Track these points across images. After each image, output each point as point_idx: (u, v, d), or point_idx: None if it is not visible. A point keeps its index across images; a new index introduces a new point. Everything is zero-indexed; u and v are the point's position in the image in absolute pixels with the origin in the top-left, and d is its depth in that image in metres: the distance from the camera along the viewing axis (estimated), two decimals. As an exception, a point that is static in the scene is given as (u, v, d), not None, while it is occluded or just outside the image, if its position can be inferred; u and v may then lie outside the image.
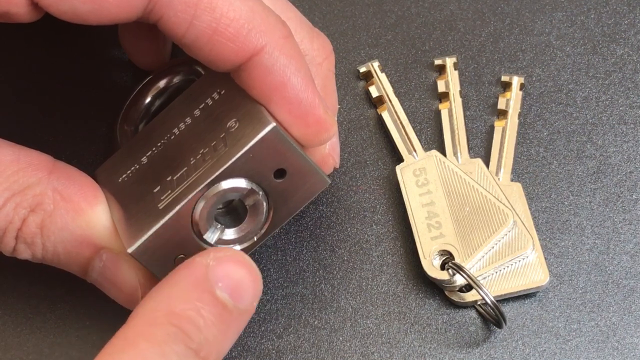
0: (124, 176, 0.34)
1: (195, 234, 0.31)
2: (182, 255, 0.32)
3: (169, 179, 0.32)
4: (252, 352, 0.36)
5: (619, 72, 0.41)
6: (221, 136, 0.31)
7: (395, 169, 0.38)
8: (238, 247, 0.33)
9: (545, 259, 0.37)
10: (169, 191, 0.31)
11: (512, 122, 0.39)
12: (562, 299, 0.37)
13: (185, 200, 0.31)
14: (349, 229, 0.38)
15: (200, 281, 0.29)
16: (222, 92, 0.33)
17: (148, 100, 0.38)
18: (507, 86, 0.40)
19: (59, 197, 0.32)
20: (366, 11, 0.42)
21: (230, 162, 0.30)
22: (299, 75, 0.31)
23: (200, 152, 0.31)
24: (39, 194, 0.31)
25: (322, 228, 0.38)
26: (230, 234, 0.32)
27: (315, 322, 0.36)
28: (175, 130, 0.33)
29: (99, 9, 0.29)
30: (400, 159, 0.39)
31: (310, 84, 0.31)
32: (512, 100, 0.40)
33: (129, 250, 0.31)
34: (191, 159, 0.32)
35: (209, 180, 0.31)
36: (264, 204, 0.32)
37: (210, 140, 0.32)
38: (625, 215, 0.38)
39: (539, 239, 0.37)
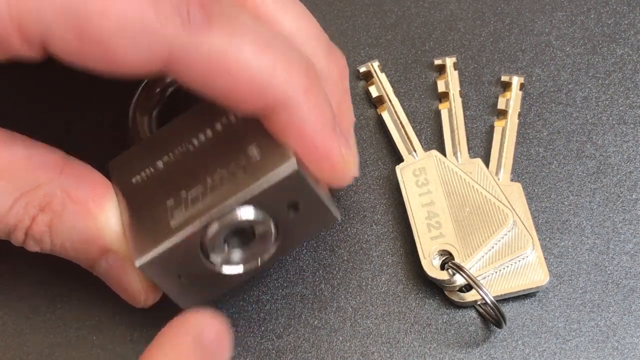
0: (137, 177, 0.34)
1: (202, 253, 0.32)
2: (185, 273, 0.32)
3: (183, 193, 0.32)
4: (252, 352, 0.36)
5: (619, 72, 0.41)
6: (241, 162, 0.31)
7: (395, 169, 0.38)
8: (241, 269, 0.33)
9: (545, 259, 0.37)
10: (183, 209, 0.31)
11: (512, 122, 0.39)
12: (562, 299, 0.37)
13: (198, 224, 0.31)
14: (349, 229, 0.38)
15: (196, 343, 0.29)
16: None
17: (161, 87, 0.38)
18: (507, 86, 0.40)
19: (68, 199, 0.32)
20: (366, 11, 0.42)
21: (247, 194, 0.30)
22: (318, 128, 0.31)
23: (218, 172, 0.31)
24: (48, 194, 0.32)
25: (322, 228, 0.38)
26: (236, 256, 0.32)
27: (315, 322, 0.36)
28: (195, 141, 0.33)
29: (113, 71, 0.29)
30: (400, 159, 0.39)
31: (330, 132, 0.31)
32: (512, 100, 0.40)
33: (136, 264, 0.31)
34: (207, 178, 0.32)
35: (222, 208, 0.31)
36: (273, 232, 0.32)
37: (228, 162, 0.31)
38: (625, 215, 0.38)
39: (539, 239, 0.37)
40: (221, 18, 0.29)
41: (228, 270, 0.32)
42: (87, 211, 0.32)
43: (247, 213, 0.31)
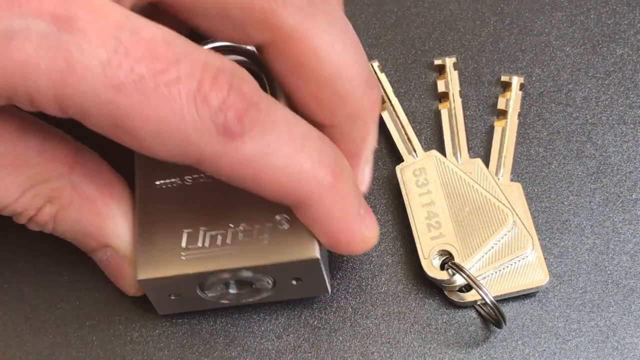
0: (162, 182, 0.34)
1: (199, 286, 0.33)
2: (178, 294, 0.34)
3: (202, 229, 0.33)
4: (252, 352, 0.36)
5: (619, 72, 0.41)
6: (267, 225, 0.32)
7: (395, 169, 0.38)
8: (226, 302, 0.35)
9: (545, 259, 0.37)
10: (198, 246, 0.32)
11: (511, 122, 0.39)
12: (562, 299, 0.37)
13: (206, 269, 0.32)
14: (348, 229, 0.38)
15: None
16: None
17: None
18: (506, 86, 0.40)
19: (76, 195, 0.33)
20: (366, 11, 0.42)
21: (262, 264, 0.32)
22: (342, 218, 0.32)
23: (241, 226, 0.32)
24: (57, 188, 0.32)
25: (322, 228, 0.38)
26: (229, 295, 0.34)
27: (315, 322, 0.36)
28: None
29: (143, 153, 0.29)
30: (400, 159, 0.39)
31: (354, 220, 0.32)
32: (512, 100, 0.40)
33: (137, 278, 0.32)
34: (230, 224, 0.32)
35: (234, 267, 0.32)
36: (269, 288, 0.34)
37: (254, 220, 0.32)
38: (625, 215, 0.38)
39: (539, 239, 0.37)
40: (256, 125, 0.28)
41: (218, 301, 0.34)
42: (93, 209, 0.33)
43: (251, 274, 0.33)
